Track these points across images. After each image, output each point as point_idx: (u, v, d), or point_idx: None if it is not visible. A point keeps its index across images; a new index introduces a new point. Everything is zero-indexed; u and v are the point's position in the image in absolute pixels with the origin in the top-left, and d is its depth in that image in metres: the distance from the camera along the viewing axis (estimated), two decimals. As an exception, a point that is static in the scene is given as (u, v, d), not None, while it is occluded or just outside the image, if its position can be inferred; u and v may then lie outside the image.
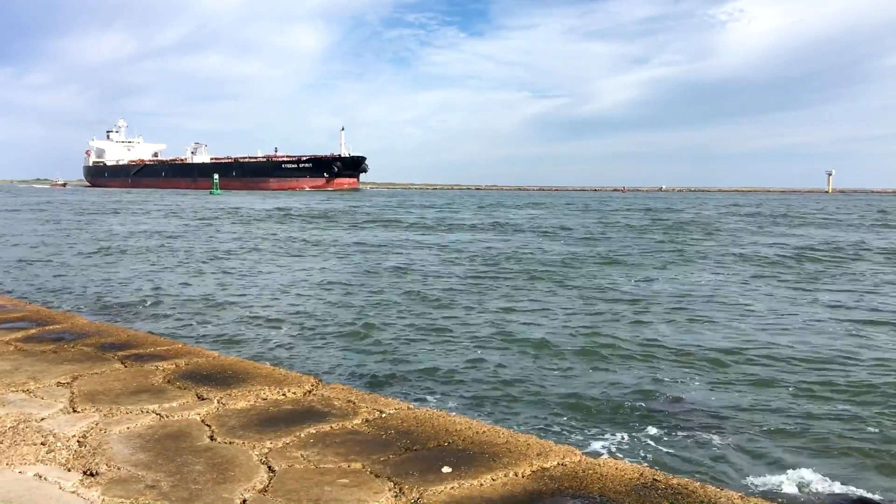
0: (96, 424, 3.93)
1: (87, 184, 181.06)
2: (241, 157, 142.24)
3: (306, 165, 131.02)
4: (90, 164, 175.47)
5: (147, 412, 4.17)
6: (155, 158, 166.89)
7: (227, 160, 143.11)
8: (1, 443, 3.63)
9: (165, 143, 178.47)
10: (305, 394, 4.61)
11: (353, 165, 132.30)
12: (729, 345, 11.44)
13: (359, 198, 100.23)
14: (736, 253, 27.31)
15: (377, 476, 3.30)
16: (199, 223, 42.95)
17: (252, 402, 4.41)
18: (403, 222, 46.28)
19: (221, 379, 4.88)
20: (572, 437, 7.34)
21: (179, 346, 5.99)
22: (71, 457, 3.49)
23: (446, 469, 3.36)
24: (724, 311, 14.64)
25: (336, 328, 12.65)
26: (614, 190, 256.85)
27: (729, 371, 9.93)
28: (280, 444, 3.69)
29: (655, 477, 3.26)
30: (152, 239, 31.65)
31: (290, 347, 11.25)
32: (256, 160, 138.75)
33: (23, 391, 4.55)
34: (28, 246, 27.68)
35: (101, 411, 4.16)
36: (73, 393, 4.51)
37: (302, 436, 3.82)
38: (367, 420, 4.09)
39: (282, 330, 12.53)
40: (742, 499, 3.04)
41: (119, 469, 3.34)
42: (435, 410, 4.32)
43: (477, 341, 11.64)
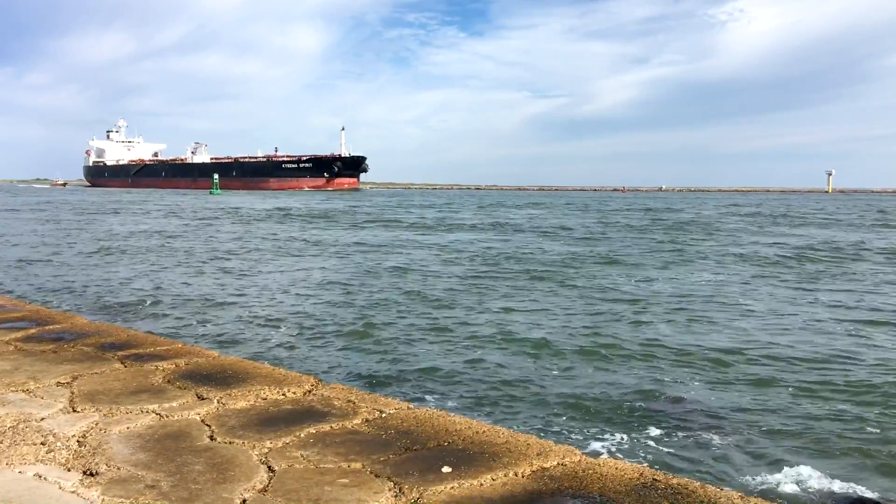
0: (96, 424, 3.93)
1: (87, 184, 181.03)
2: (242, 157, 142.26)
3: (306, 165, 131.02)
4: (90, 164, 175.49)
5: (147, 412, 4.17)
6: (155, 158, 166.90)
7: (228, 160, 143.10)
8: (1, 442, 3.63)
9: (165, 143, 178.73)
10: (305, 394, 4.61)
11: (354, 165, 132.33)
12: (729, 345, 11.44)
13: (359, 198, 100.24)
14: (736, 253, 27.31)
15: (377, 476, 3.30)
16: (199, 223, 42.95)
17: (252, 402, 4.41)
18: (403, 222, 46.29)
19: (221, 379, 4.88)
20: (572, 437, 7.34)
21: (179, 345, 5.99)
22: (71, 457, 3.48)
23: (446, 469, 3.35)
24: (723, 311, 14.64)
25: (336, 328, 12.65)
26: (614, 190, 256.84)
27: (729, 371, 9.93)
28: (280, 444, 3.69)
29: (655, 477, 3.26)
30: (152, 239, 31.66)
31: (290, 347, 11.25)
32: (257, 160, 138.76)
33: (23, 391, 4.55)
34: (28, 245, 27.68)
35: (100, 411, 4.16)
36: (72, 393, 4.51)
37: (302, 436, 3.82)
38: (367, 420, 4.09)
39: (282, 330, 12.53)
40: (742, 498, 3.04)
41: (119, 469, 3.34)
42: (435, 410, 4.32)
43: (477, 341, 11.64)
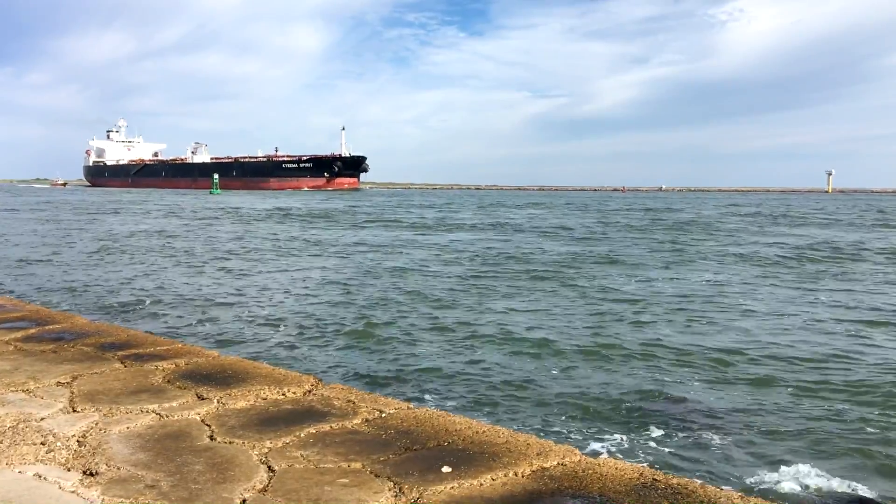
0: (96, 424, 3.93)
1: (87, 183, 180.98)
2: (242, 157, 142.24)
3: (307, 165, 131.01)
4: (90, 164, 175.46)
5: (147, 412, 4.17)
6: (155, 158, 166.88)
7: (228, 160, 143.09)
8: (1, 442, 3.62)
9: (165, 143, 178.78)
10: (305, 393, 4.60)
11: (354, 165, 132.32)
12: (729, 345, 11.44)
13: (359, 197, 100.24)
14: (736, 253, 27.31)
15: (377, 476, 3.29)
16: (199, 223, 42.95)
17: (252, 402, 4.40)
18: (403, 222, 46.29)
19: (221, 379, 4.87)
20: (572, 437, 7.34)
21: (179, 345, 5.99)
22: (71, 456, 3.48)
23: (446, 469, 3.35)
24: (723, 311, 14.64)
25: (336, 328, 12.65)
26: (614, 190, 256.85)
27: (729, 371, 9.94)
28: (280, 444, 3.69)
29: (655, 477, 3.26)
30: (152, 239, 31.66)
31: (290, 347, 11.25)
32: (257, 160, 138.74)
33: (22, 391, 4.54)
34: (28, 245, 27.68)
35: (100, 411, 4.15)
36: (72, 393, 4.51)
37: (302, 435, 3.82)
38: (367, 420, 4.09)
39: (282, 330, 12.53)
40: (742, 498, 3.04)
41: (119, 469, 3.34)
42: (435, 410, 4.32)
43: (477, 341, 11.64)
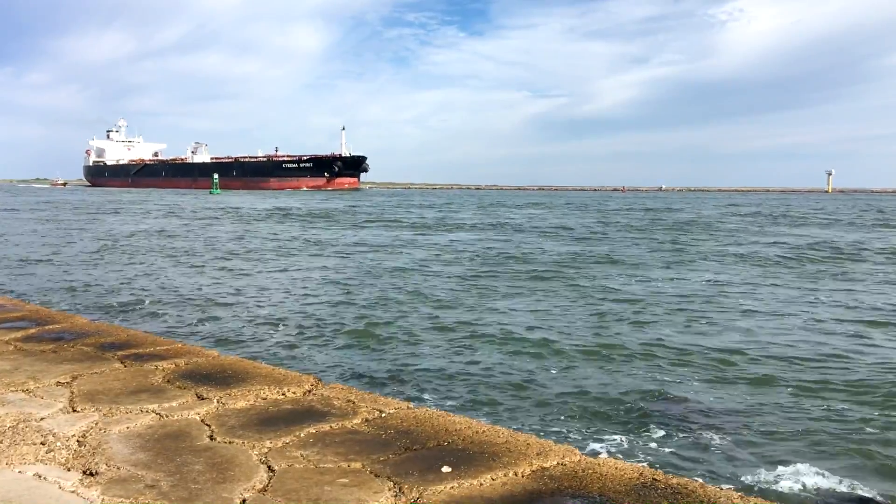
0: (96, 424, 3.93)
1: (87, 183, 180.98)
2: (242, 157, 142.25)
3: (307, 165, 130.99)
4: (90, 164, 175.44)
5: (147, 412, 4.16)
6: (155, 158, 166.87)
7: (228, 160, 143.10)
8: (1, 442, 3.62)
9: (166, 143, 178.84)
10: (305, 393, 4.60)
11: (354, 165, 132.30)
12: (729, 345, 11.45)
13: (359, 197, 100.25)
14: (736, 253, 27.31)
15: (377, 476, 3.29)
16: (199, 223, 42.95)
17: (252, 402, 4.40)
18: (403, 222, 46.29)
19: (221, 378, 4.87)
20: (572, 437, 7.34)
21: (179, 345, 5.98)
22: (70, 456, 3.48)
23: (446, 469, 3.35)
24: (723, 311, 14.64)
25: (336, 328, 12.66)
26: (614, 190, 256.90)
27: (729, 371, 9.93)
28: (280, 444, 3.69)
29: (655, 476, 3.25)
30: (152, 238, 31.66)
31: (290, 347, 11.25)
32: (257, 160, 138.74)
33: (22, 391, 4.54)
34: (28, 245, 27.68)
35: (100, 411, 4.15)
36: (72, 392, 4.50)
37: (301, 435, 3.82)
38: (367, 420, 4.09)
39: (282, 330, 12.53)
40: (742, 498, 3.03)
41: (119, 469, 3.34)
42: (435, 410, 4.32)
43: (477, 341, 11.64)
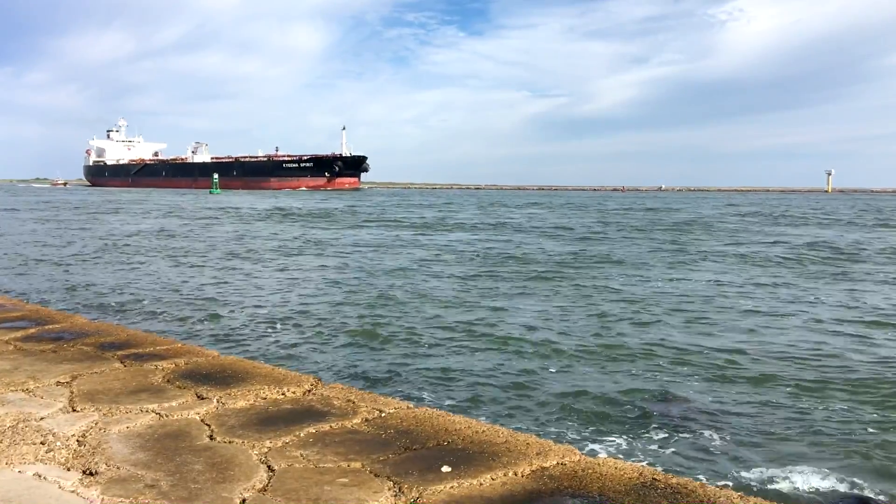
0: (96, 424, 3.93)
1: (87, 183, 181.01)
2: (242, 157, 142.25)
3: (307, 165, 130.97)
4: (90, 164, 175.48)
5: (146, 411, 4.16)
6: (155, 158, 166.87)
7: (228, 160, 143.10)
8: (0, 442, 3.62)
9: (166, 143, 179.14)
10: (305, 393, 4.60)
11: (355, 165, 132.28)
12: (729, 345, 11.44)
13: (359, 197, 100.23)
14: (736, 253, 27.30)
15: (377, 475, 3.29)
16: (199, 223, 42.95)
17: (251, 402, 4.40)
18: (404, 222, 46.29)
19: (221, 378, 4.87)
20: (572, 437, 7.34)
21: (179, 345, 5.98)
22: (70, 456, 3.48)
23: (446, 468, 3.35)
24: (723, 310, 14.64)
25: (336, 328, 12.65)
26: (614, 189, 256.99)
27: (729, 371, 9.93)
28: (279, 444, 3.69)
29: (655, 476, 3.25)
30: (152, 238, 31.66)
31: (290, 347, 11.25)
32: (257, 160, 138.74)
33: (22, 390, 4.54)
34: (28, 245, 27.68)
35: (100, 411, 4.15)
36: (72, 392, 4.50)
37: (301, 435, 3.82)
38: (367, 419, 4.09)
39: (282, 330, 12.53)
40: (742, 498, 3.03)
41: (118, 468, 3.33)
42: (434, 410, 4.31)
43: (476, 341, 11.64)
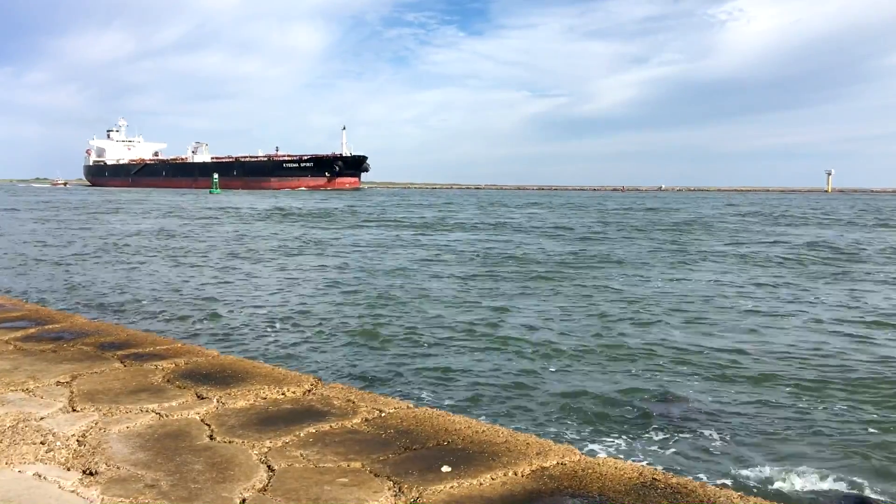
0: (95, 423, 3.93)
1: (87, 183, 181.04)
2: (243, 157, 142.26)
3: (308, 165, 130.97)
4: (90, 164, 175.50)
5: (146, 411, 4.16)
6: (155, 158, 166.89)
7: (229, 160, 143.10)
8: (0, 442, 3.62)
9: (166, 143, 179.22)
10: (305, 393, 4.60)
11: (355, 165, 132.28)
12: (729, 344, 11.44)
13: (360, 197, 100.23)
14: (736, 253, 27.30)
15: (377, 475, 3.29)
16: (199, 223, 42.95)
17: (251, 402, 4.40)
18: (404, 222, 46.29)
19: (221, 378, 4.87)
20: (572, 437, 7.34)
21: (179, 345, 5.98)
22: (70, 456, 3.48)
23: (446, 468, 3.35)
24: (723, 310, 14.64)
25: (336, 328, 12.65)
26: (614, 189, 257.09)
27: (729, 371, 9.93)
28: (279, 444, 3.69)
29: (655, 476, 3.25)
30: (152, 238, 31.66)
31: (290, 347, 11.25)
32: (258, 159, 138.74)
33: (22, 390, 4.54)
34: (27, 245, 27.68)
35: (100, 410, 4.15)
36: (72, 392, 4.50)
37: (301, 435, 3.82)
38: (367, 419, 4.08)
39: (282, 329, 12.53)
40: (742, 498, 3.03)
41: (118, 468, 3.33)
42: (434, 410, 4.31)
43: (477, 341, 11.64)
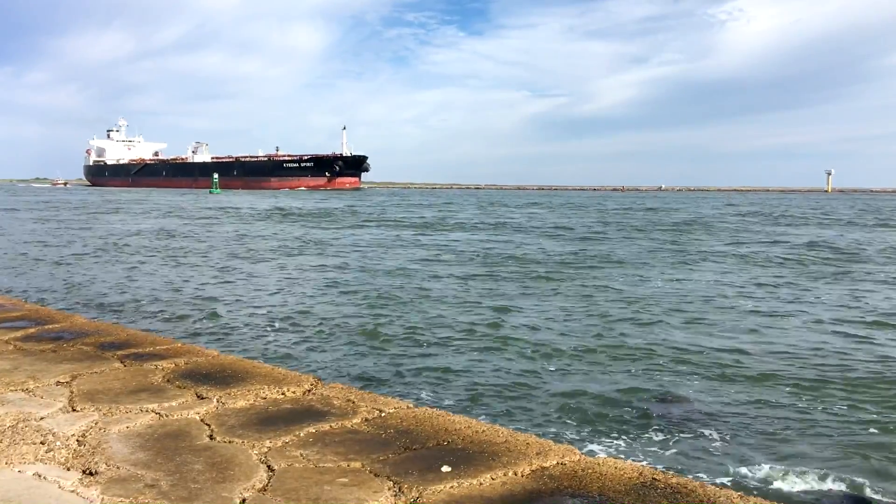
0: (95, 423, 3.93)
1: (87, 183, 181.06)
2: (243, 157, 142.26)
3: (308, 165, 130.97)
4: (91, 164, 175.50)
5: (146, 411, 4.16)
6: (155, 158, 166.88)
7: (229, 160, 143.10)
8: (0, 442, 3.62)
9: (166, 143, 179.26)
10: (305, 393, 4.60)
11: (355, 165, 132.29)
12: (729, 344, 11.44)
13: (360, 197, 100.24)
14: (736, 253, 27.30)
15: (376, 475, 3.29)
16: (199, 223, 42.96)
17: (251, 402, 4.40)
18: (404, 222, 46.29)
19: (221, 378, 4.87)
20: (571, 437, 7.34)
21: (179, 345, 5.98)
22: (70, 456, 3.48)
23: (446, 468, 3.35)
24: (723, 310, 14.64)
25: (336, 328, 12.65)
26: (614, 189, 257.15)
27: (729, 371, 9.93)
28: (279, 444, 3.69)
29: (655, 476, 3.25)
30: (152, 238, 31.67)
31: (290, 347, 11.25)
32: (258, 159, 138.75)
33: (22, 390, 4.54)
34: (27, 245, 27.69)
35: (100, 410, 4.15)
36: (72, 392, 4.50)
37: (301, 435, 3.82)
38: (367, 419, 4.08)
39: (282, 330, 12.53)
40: (741, 498, 3.03)
41: (118, 468, 3.33)
42: (434, 410, 4.31)
43: (477, 341, 11.64)
